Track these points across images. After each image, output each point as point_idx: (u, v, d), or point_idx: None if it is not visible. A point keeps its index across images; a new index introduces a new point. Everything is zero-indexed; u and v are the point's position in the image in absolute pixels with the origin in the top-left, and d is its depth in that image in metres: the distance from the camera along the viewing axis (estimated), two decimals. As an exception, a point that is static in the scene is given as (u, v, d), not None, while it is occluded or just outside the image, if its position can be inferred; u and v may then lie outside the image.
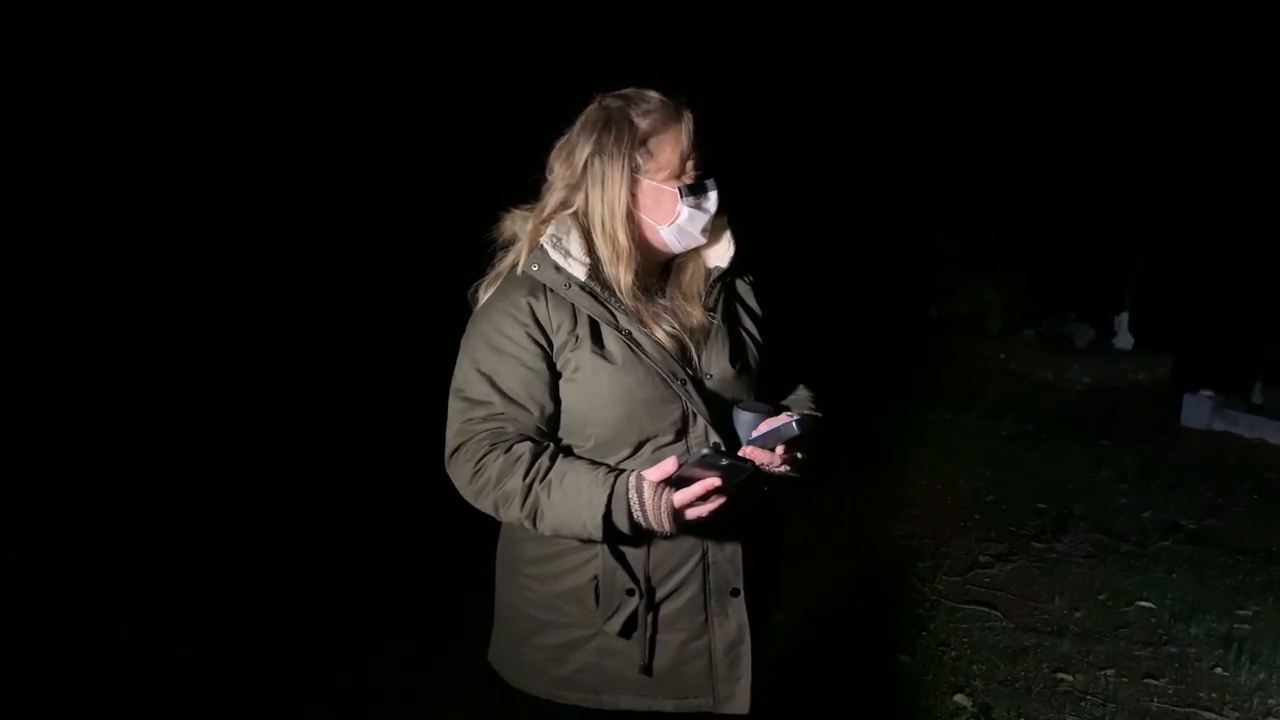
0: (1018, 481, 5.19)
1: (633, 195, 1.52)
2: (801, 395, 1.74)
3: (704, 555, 1.55)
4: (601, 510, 1.42)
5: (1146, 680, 3.27)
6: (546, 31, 7.31)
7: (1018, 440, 6.03)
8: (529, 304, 1.51)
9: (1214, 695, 3.21)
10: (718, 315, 1.59)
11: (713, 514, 1.42)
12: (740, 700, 1.58)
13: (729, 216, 1.63)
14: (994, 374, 7.84)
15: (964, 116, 9.61)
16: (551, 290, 1.51)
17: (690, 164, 1.52)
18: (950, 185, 9.26)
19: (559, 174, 1.56)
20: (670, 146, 1.51)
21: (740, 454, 1.46)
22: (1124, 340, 8.16)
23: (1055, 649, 3.45)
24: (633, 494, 1.42)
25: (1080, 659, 3.39)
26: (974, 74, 9.71)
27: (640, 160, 1.51)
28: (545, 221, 1.55)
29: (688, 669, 1.57)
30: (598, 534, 1.44)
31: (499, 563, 1.71)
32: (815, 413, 1.67)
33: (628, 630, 1.53)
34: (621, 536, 1.46)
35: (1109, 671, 3.31)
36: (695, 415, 1.51)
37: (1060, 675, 3.27)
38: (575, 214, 1.54)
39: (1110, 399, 7.31)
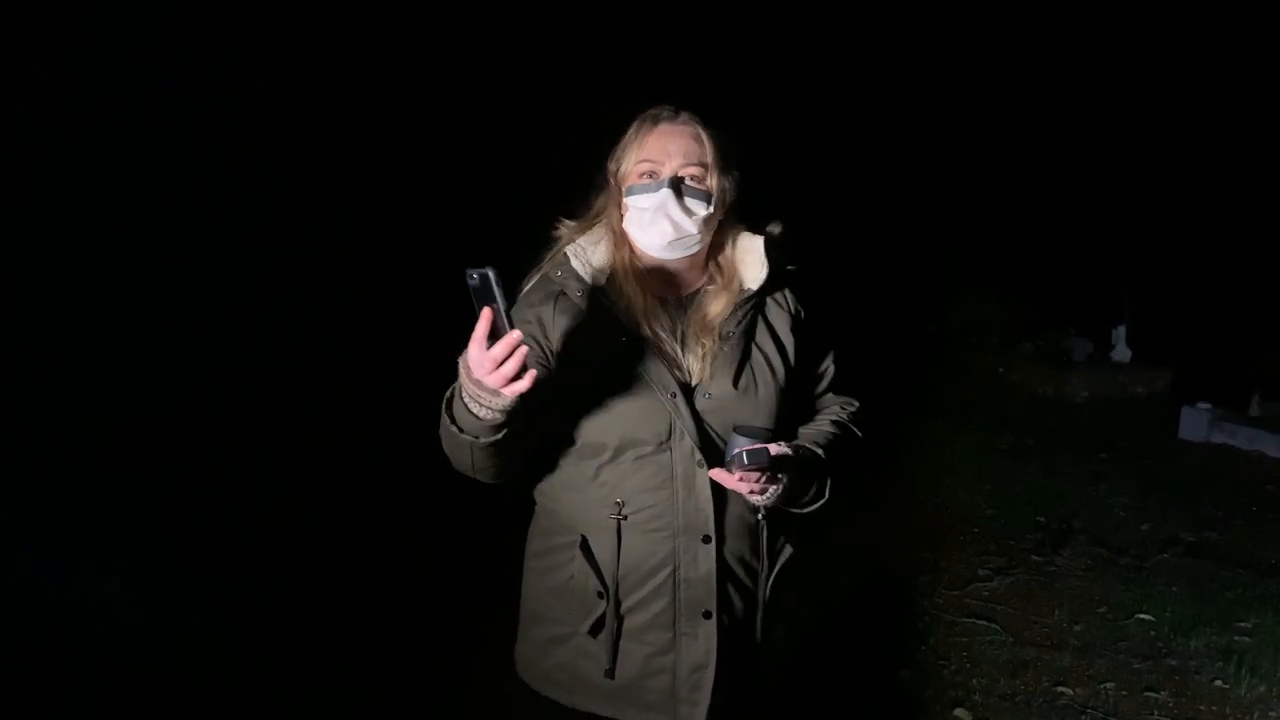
0: (1017, 495, 5.20)
1: (621, 201, 1.60)
2: (815, 429, 1.69)
3: (674, 571, 1.54)
4: (446, 396, 1.39)
5: (1147, 693, 3.27)
6: (547, 39, 7.35)
7: (1016, 454, 6.04)
8: (541, 306, 1.56)
9: (1214, 708, 3.21)
10: (735, 334, 1.58)
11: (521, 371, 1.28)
12: None
13: (766, 238, 1.64)
14: (992, 388, 7.86)
15: (962, 128, 9.64)
16: (565, 295, 1.55)
17: (644, 165, 1.56)
18: (948, 198, 9.28)
19: (599, 183, 1.64)
20: (635, 151, 1.57)
21: (710, 473, 1.48)
22: (1122, 354, 8.19)
23: (1055, 662, 3.44)
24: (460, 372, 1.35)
25: (1080, 672, 3.39)
26: (972, 86, 9.76)
27: (615, 165, 1.59)
28: (583, 229, 1.62)
29: (651, 683, 1.57)
30: (451, 423, 1.38)
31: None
32: (814, 447, 1.61)
33: (595, 632, 1.56)
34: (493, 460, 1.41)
35: (1109, 685, 3.31)
36: (681, 430, 1.51)
37: (1060, 689, 3.27)
38: (609, 222, 1.61)
39: (1108, 412, 7.32)
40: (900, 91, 9.59)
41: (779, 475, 1.47)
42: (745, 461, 1.39)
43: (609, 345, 1.52)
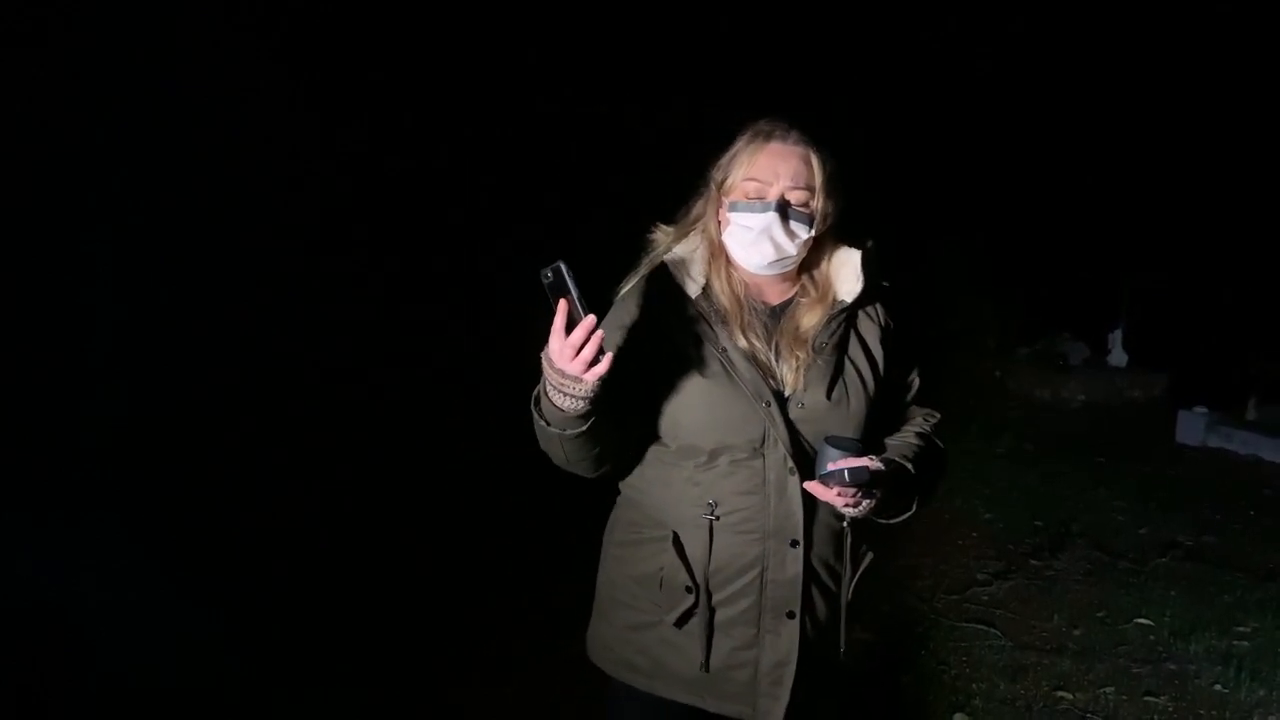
0: (1015, 499, 5.20)
1: (721, 212, 1.60)
2: (902, 441, 1.72)
3: (762, 573, 1.58)
4: (534, 394, 1.45)
5: (1146, 698, 3.27)
6: (547, 39, 7.35)
7: (1014, 458, 6.04)
8: (639, 313, 1.59)
9: (1214, 713, 3.21)
10: (828, 346, 1.61)
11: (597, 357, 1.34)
12: (775, 718, 1.62)
13: (864, 253, 1.64)
14: (989, 392, 7.85)
15: (962, 129, 9.65)
16: (663, 303, 1.59)
17: (751, 184, 1.55)
18: (945, 201, 9.28)
19: (701, 190, 1.64)
20: (743, 167, 1.56)
21: (806, 485, 1.51)
22: (1118, 358, 8.20)
23: (1055, 667, 3.45)
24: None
25: (1080, 677, 3.40)
26: (972, 86, 9.76)
27: (721, 176, 1.59)
28: (680, 236, 1.64)
29: (734, 675, 1.62)
30: (540, 419, 1.45)
31: (603, 542, 1.79)
32: (904, 461, 1.62)
33: (681, 623, 1.60)
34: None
35: (1109, 689, 3.31)
36: (775, 438, 1.54)
37: (1060, 693, 3.27)
38: (706, 230, 1.62)
39: (1106, 416, 7.33)
40: (899, 92, 9.59)
41: (874, 490, 1.50)
42: (847, 479, 1.43)
43: (706, 353, 1.56)
